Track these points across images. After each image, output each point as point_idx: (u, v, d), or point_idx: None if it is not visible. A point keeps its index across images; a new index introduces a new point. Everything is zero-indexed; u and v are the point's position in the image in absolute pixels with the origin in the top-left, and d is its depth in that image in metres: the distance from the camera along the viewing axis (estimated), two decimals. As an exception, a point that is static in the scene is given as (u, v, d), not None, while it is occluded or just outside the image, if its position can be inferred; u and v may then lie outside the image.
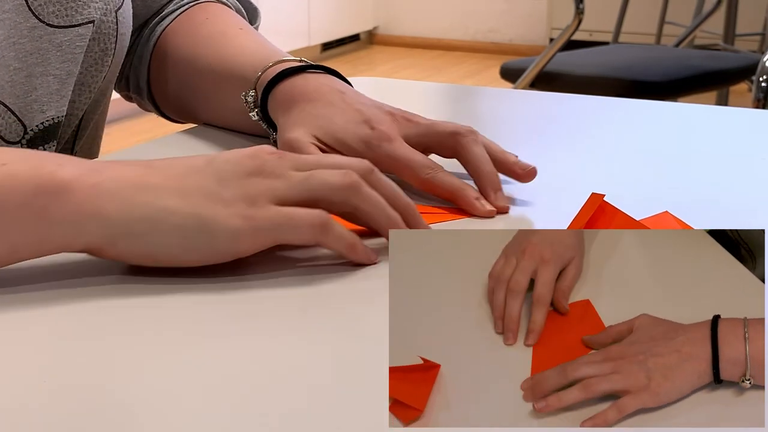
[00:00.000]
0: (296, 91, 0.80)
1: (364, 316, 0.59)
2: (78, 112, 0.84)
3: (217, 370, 0.52)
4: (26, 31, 0.77)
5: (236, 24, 0.93)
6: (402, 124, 0.76)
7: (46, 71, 0.79)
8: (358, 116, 0.77)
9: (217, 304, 0.59)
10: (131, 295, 0.59)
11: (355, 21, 6.08)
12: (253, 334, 0.56)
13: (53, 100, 0.80)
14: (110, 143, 3.77)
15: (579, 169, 0.86)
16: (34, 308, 0.58)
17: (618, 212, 0.64)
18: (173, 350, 0.54)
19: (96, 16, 0.81)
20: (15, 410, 0.48)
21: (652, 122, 1.05)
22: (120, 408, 0.48)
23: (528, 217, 0.74)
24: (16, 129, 0.78)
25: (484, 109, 1.14)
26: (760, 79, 2.37)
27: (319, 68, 0.83)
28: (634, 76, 2.77)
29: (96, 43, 0.82)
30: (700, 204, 0.77)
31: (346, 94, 0.79)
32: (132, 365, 0.52)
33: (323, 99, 0.79)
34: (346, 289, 0.62)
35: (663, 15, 4.44)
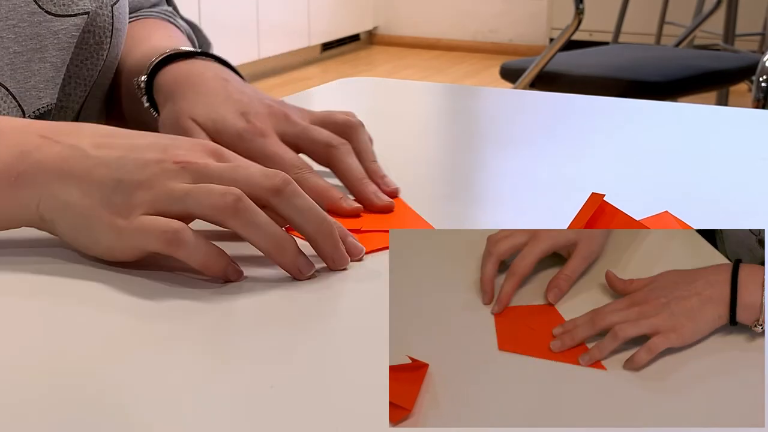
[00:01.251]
0: (181, 76, 0.80)
1: (363, 316, 0.59)
2: (74, 105, 0.84)
3: (212, 372, 0.51)
4: (26, 16, 0.78)
5: (168, 32, 0.93)
6: (280, 120, 0.76)
7: (43, 57, 0.79)
8: (237, 107, 0.76)
9: (208, 304, 0.59)
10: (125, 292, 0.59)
11: (355, 21, 6.08)
12: (252, 335, 0.56)
13: (49, 87, 0.80)
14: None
15: (579, 169, 0.86)
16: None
17: (618, 212, 0.64)
18: (164, 349, 0.54)
19: (91, 8, 0.81)
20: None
21: (652, 122, 1.05)
22: (117, 411, 0.48)
23: (527, 217, 0.74)
24: (16, 114, 0.78)
25: (484, 109, 1.14)
26: (760, 79, 2.37)
27: (209, 56, 0.83)
28: (634, 76, 2.77)
29: (91, 35, 0.82)
30: (700, 204, 0.77)
31: (230, 82, 0.79)
32: (130, 370, 0.52)
33: (206, 85, 0.78)
34: (346, 289, 0.62)
35: (663, 15, 4.44)
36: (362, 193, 0.73)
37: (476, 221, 0.76)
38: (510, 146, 0.78)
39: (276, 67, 5.35)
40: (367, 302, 0.60)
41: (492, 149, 0.96)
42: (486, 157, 0.95)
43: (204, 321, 0.57)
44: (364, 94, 1.19)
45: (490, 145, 0.98)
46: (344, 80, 1.21)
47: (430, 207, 0.75)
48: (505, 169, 0.88)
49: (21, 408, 0.48)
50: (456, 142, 0.99)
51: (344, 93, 1.17)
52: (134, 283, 0.60)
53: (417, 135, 1.00)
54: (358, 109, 0.81)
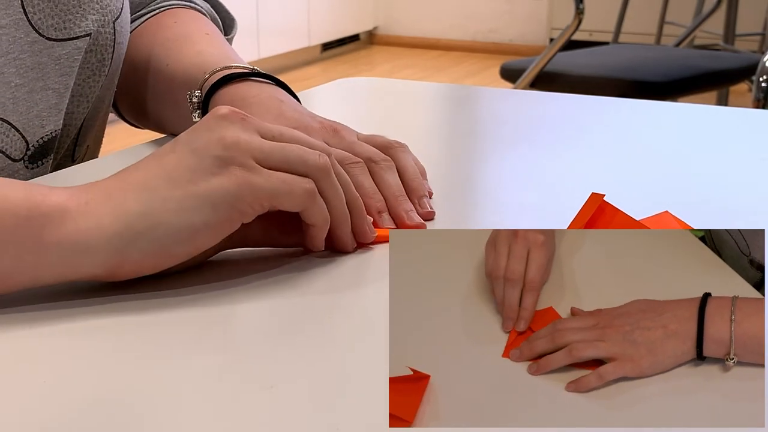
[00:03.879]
0: (237, 96, 0.80)
1: (364, 316, 0.59)
2: (76, 122, 0.84)
3: (212, 372, 0.52)
4: (27, 46, 0.77)
5: (202, 29, 0.92)
6: (329, 135, 0.76)
7: (45, 86, 0.79)
8: (290, 123, 0.76)
9: (208, 305, 0.59)
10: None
11: (355, 21, 6.08)
12: (252, 336, 0.56)
13: (52, 114, 0.79)
14: (110, 143, 3.76)
15: (579, 169, 0.86)
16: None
17: (618, 212, 0.64)
18: (173, 355, 0.54)
19: (93, 29, 0.81)
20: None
21: (652, 122, 1.05)
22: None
23: (527, 217, 0.74)
24: (19, 146, 0.78)
25: (484, 109, 1.14)
26: (760, 79, 2.37)
27: (266, 77, 0.83)
28: (634, 76, 2.77)
29: (93, 55, 0.82)
30: (700, 204, 0.77)
31: (285, 103, 0.79)
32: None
33: (261, 105, 0.79)
34: (347, 290, 0.62)
35: (663, 15, 4.44)
36: (395, 209, 0.72)
37: (476, 221, 0.76)
38: (510, 146, 0.78)
39: (276, 67, 5.35)
40: (367, 303, 0.60)
41: (492, 149, 0.96)
42: (486, 157, 0.95)
43: (204, 321, 0.57)
44: (364, 94, 1.19)
45: (490, 145, 0.98)
46: (344, 80, 1.21)
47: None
48: (505, 169, 0.88)
49: (21, 408, 0.48)
50: (456, 142, 0.99)
51: (344, 93, 1.17)
52: (133, 285, 0.60)
53: (417, 135, 1.00)
54: (358, 109, 0.81)
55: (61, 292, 0.59)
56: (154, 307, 0.58)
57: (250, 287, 0.61)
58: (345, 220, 0.64)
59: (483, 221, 0.75)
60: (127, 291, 0.59)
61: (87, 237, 0.57)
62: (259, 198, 0.60)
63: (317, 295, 0.61)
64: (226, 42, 0.92)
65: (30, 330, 0.56)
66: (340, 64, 5.75)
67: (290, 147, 0.62)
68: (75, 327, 0.56)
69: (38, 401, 0.48)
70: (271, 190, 0.60)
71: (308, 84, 4.89)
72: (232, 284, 0.61)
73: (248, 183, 0.59)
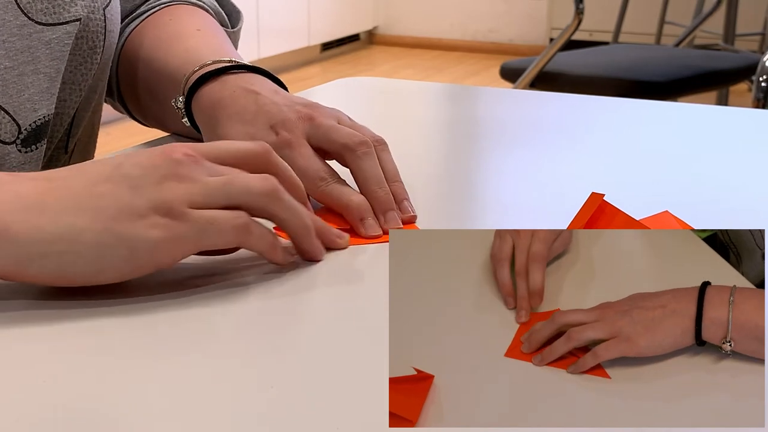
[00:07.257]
0: (214, 99, 0.79)
1: (364, 316, 0.59)
2: (69, 111, 0.84)
3: (212, 373, 0.51)
4: (16, 29, 0.77)
5: (195, 25, 0.91)
6: (306, 124, 0.75)
7: (36, 69, 0.79)
8: (267, 120, 0.75)
9: (208, 305, 0.59)
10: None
11: (355, 21, 6.08)
12: (252, 336, 0.56)
13: (44, 98, 0.80)
14: (110, 143, 3.77)
15: (579, 169, 0.86)
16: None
17: (618, 212, 0.64)
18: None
19: (82, 14, 0.81)
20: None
21: (652, 122, 1.05)
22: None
23: (527, 217, 0.74)
24: (11, 129, 0.78)
25: (484, 109, 1.14)
26: (760, 79, 2.37)
27: (242, 67, 0.82)
28: (634, 76, 2.77)
29: (84, 41, 0.82)
30: (700, 204, 0.77)
31: (260, 94, 0.78)
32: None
33: (237, 105, 0.78)
34: (347, 289, 0.62)
35: (663, 15, 4.44)
36: (374, 209, 0.71)
37: (476, 221, 0.76)
38: (510, 146, 0.78)
39: (276, 67, 5.35)
40: (367, 302, 0.60)
41: (492, 149, 0.96)
42: (486, 156, 0.94)
43: (204, 322, 0.57)
44: (364, 94, 1.19)
45: (490, 145, 0.98)
46: (344, 80, 1.21)
47: (430, 207, 0.75)
48: (505, 169, 0.88)
49: (20, 408, 0.48)
50: (456, 142, 0.99)
51: (344, 93, 1.17)
52: (132, 286, 0.60)
53: (417, 135, 1.00)
54: (358, 109, 0.81)
55: (58, 292, 0.59)
56: (154, 308, 0.58)
57: (249, 287, 0.61)
58: (306, 233, 0.63)
59: (483, 221, 0.75)
60: (126, 291, 0.59)
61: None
62: (182, 249, 0.58)
63: (317, 295, 0.61)
64: (219, 35, 0.91)
65: (24, 330, 0.56)
66: (340, 64, 5.75)
67: (233, 180, 0.60)
68: (74, 327, 0.56)
69: (36, 401, 0.48)
70: (197, 236, 0.58)
71: (308, 84, 4.89)
72: (231, 284, 0.61)
73: (171, 236, 0.58)
